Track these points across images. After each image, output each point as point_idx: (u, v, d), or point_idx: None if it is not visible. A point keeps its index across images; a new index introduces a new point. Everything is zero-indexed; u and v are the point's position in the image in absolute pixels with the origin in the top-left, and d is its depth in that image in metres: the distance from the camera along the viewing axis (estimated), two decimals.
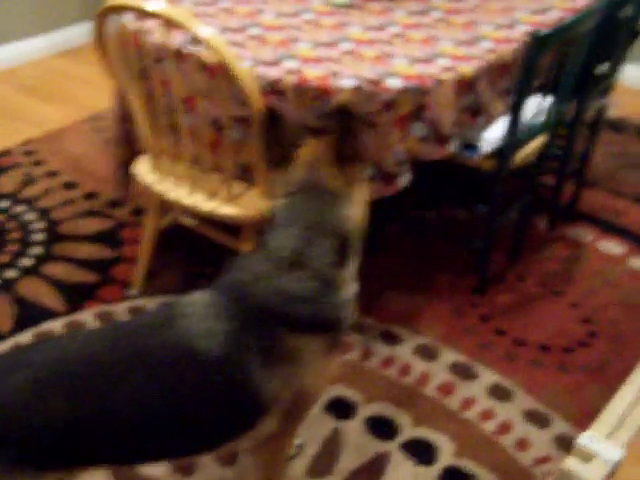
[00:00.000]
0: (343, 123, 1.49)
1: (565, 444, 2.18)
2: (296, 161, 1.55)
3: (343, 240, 1.54)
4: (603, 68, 2.84)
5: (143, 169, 2.40)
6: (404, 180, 2.21)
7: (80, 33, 4.60)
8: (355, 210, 1.56)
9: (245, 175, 2.30)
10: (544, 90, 2.42)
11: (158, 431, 1.40)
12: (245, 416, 1.48)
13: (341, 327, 1.56)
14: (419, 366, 2.42)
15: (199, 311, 1.46)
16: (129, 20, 2.31)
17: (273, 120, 1.53)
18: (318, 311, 1.49)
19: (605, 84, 2.91)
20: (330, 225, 1.51)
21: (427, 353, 2.47)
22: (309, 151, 1.55)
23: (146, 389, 1.38)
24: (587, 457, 1.10)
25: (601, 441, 1.11)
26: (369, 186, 1.65)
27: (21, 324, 2.49)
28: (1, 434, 1.29)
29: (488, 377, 2.39)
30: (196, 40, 1.93)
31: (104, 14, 2.07)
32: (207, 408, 1.43)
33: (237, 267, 1.54)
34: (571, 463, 1.10)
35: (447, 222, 3.16)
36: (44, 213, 3.06)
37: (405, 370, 2.40)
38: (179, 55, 2.19)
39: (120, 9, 2.03)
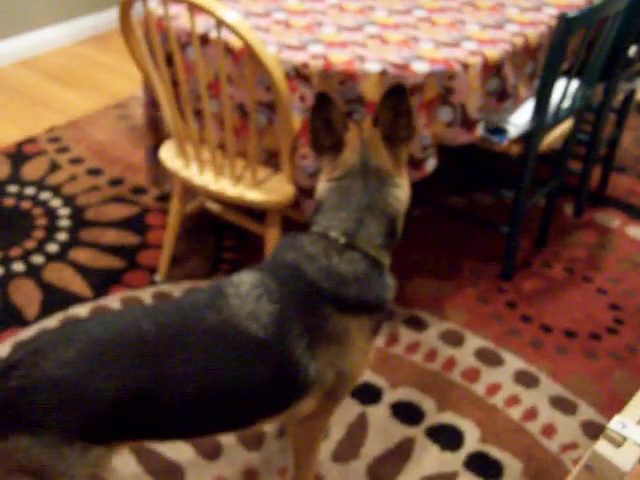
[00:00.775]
0: (398, 103, 1.52)
1: (592, 431, 2.17)
2: (346, 145, 1.56)
3: (392, 222, 1.56)
4: (632, 51, 2.80)
5: (168, 154, 2.41)
6: (431, 165, 2.19)
7: (105, 20, 4.61)
8: (403, 192, 1.59)
9: (270, 160, 2.30)
10: (570, 73, 2.39)
11: (202, 407, 1.42)
12: (287, 396, 1.50)
13: (385, 309, 1.58)
14: (445, 352, 2.41)
15: (247, 292, 1.47)
16: (154, 6, 2.31)
17: (322, 105, 1.54)
18: (367, 292, 1.51)
19: (634, 67, 2.87)
20: (381, 207, 1.54)
21: (453, 339, 2.46)
22: (358, 134, 1.57)
23: (192, 366, 1.39)
24: (618, 442, 1.09)
25: (632, 426, 1.10)
26: None
27: (47, 309, 2.51)
28: (52, 407, 1.30)
29: (514, 363, 2.38)
30: (221, 25, 1.93)
31: (129, 0, 2.07)
32: (250, 387, 1.44)
33: (287, 247, 1.55)
34: (602, 448, 1.09)
35: (474, 207, 3.14)
36: (69, 199, 3.08)
37: (431, 356, 2.39)
38: (204, 40, 2.19)
39: None
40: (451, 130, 2.17)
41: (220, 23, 1.93)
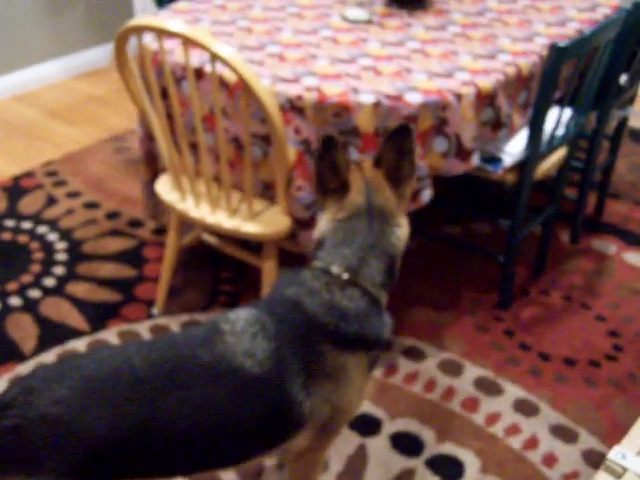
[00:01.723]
0: (402, 143, 1.55)
1: (593, 459, 2.16)
2: (350, 186, 1.57)
3: (392, 261, 1.58)
4: (624, 79, 2.83)
5: (164, 188, 2.41)
6: (427, 195, 2.20)
7: (101, 55, 4.65)
8: (404, 230, 1.61)
9: (266, 192, 2.30)
10: (563, 102, 2.40)
11: (196, 444, 1.41)
12: (281, 432, 1.49)
13: (382, 346, 1.58)
14: (444, 381, 2.40)
15: (243, 329, 1.47)
16: (149, 41, 2.33)
17: (327, 148, 1.55)
18: (366, 329, 1.52)
19: (626, 95, 2.89)
20: (384, 247, 1.56)
21: (451, 368, 2.45)
22: (361, 175, 1.59)
23: (186, 404, 1.39)
24: (618, 473, 1.08)
25: (632, 457, 1.09)
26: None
27: (45, 344, 2.50)
28: (46, 446, 1.29)
29: (513, 392, 2.37)
30: (215, 59, 1.94)
31: (125, 36, 2.09)
32: (244, 424, 1.43)
33: (288, 282, 1.56)
34: (603, 479, 1.08)
35: (470, 236, 3.14)
36: (66, 233, 3.08)
37: (430, 386, 2.38)
38: (199, 74, 2.21)
39: (140, 30, 2.05)
40: (446, 160, 2.18)
41: (214, 57, 1.94)
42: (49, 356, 2.45)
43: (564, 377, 2.44)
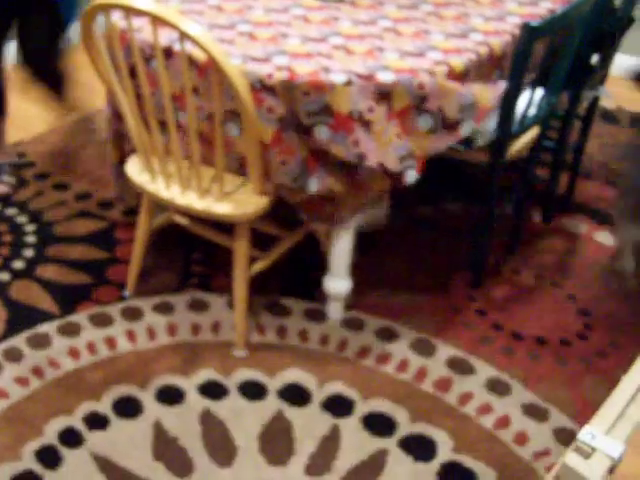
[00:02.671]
0: None
1: (564, 437, 2.18)
2: None
3: None
4: (596, 59, 2.83)
5: (134, 169, 2.38)
6: (411, 176, 2.18)
7: (67, 33, 4.57)
8: None
9: (242, 169, 2.28)
10: (535, 82, 2.40)
11: None
12: None
13: None
14: (416, 362, 2.40)
15: None
16: (117, 19, 2.29)
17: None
18: None
19: (598, 75, 2.89)
20: None
21: (424, 348, 2.46)
22: None
23: None
24: (587, 453, 1.09)
25: (601, 437, 1.10)
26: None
27: (14, 327, 2.47)
28: None
29: (485, 371, 2.38)
30: (184, 38, 1.92)
31: (92, 13, 2.05)
32: None
33: None
34: (572, 459, 1.09)
35: (443, 216, 3.14)
36: (36, 215, 3.04)
37: (402, 366, 2.39)
38: (169, 53, 2.17)
39: (108, 7, 2.01)
40: (435, 136, 2.15)
41: (183, 36, 1.91)
42: (18, 340, 2.42)
43: (536, 356, 2.46)
